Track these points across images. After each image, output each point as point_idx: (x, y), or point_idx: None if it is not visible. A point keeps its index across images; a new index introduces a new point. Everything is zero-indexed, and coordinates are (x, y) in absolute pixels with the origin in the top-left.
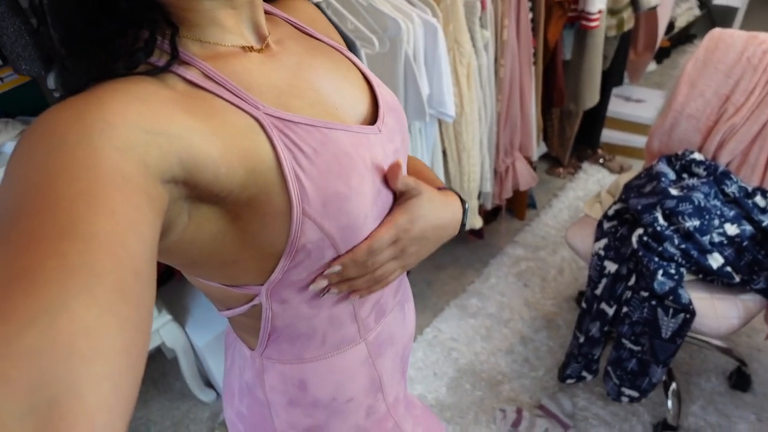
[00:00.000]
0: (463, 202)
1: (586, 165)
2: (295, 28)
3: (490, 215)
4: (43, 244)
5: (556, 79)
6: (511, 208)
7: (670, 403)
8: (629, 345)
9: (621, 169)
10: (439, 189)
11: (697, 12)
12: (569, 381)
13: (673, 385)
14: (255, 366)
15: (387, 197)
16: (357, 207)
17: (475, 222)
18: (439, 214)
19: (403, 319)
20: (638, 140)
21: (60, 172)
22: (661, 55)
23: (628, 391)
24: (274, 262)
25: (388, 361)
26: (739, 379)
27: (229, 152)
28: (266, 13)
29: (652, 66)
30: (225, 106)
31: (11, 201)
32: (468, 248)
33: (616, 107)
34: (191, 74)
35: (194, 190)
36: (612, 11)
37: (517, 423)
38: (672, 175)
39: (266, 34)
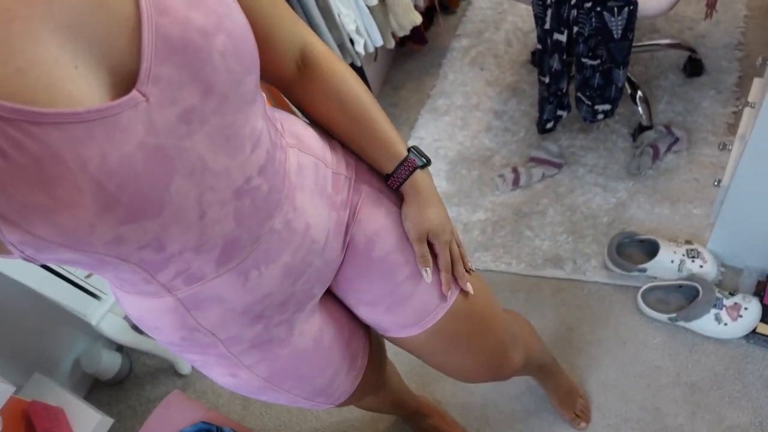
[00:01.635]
0: (420, 155)
1: None
2: None
3: (426, 21)
4: None
5: None
6: (443, 3)
7: (640, 109)
8: (589, 62)
9: None
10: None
11: None
12: (548, 126)
13: (639, 93)
14: None
15: (140, 201)
16: (70, 220)
17: (414, 18)
18: (435, 205)
19: (242, 285)
20: None
21: None
22: None
23: (600, 107)
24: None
25: (211, 315)
26: (693, 66)
27: None
28: None
29: None
30: None
31: None
32: (417, 59)
33: None
34: None
35: None
36: None
37: (517, 180)
38: None
39: None
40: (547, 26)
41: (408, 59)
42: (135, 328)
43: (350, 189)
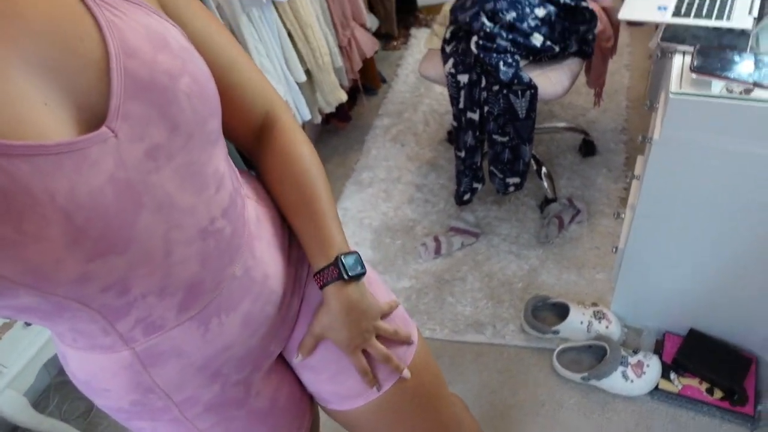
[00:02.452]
0: (343, 269)
1: (414, 30)
2: None
3: (350, 100)
4: None
5: None
6: (366, 85)
7: (545, 183)
8: (499, 138)
9: None
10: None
11: None
12: (466, 198)
13: (543, 169)
14: None
15: (111, 236)
16: (36, 254)
17: (340, 95)
18: (346, 322)
19: (202, 336)
20: None
21: None
22: None
23: (511, 180)
24: None
25: (169, 371)
26: (587, 147)
27: None
28: None
29: None
30: None
31: None
32: (341, 136)
33: None
34: None
35: None
36: None
37: (438, 249)
38: None
39: None
40: (461, 106)
41: (333, 136)
42: (36, 406)
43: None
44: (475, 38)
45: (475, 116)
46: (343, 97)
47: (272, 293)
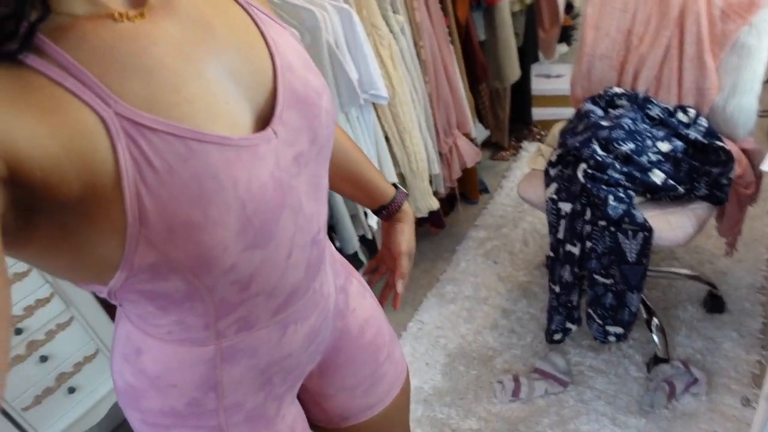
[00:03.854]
0: (398, 187)
1: (525, 144)
2: None
3: (446, 205)
4: None
5: (475, 55)
6: (465, 193)
7: (656, 338)
8: (602, 280)
9: None
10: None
11: None
12: (557, 337)
13: (655, 321)
14: (118, 313)
15: (264, 229)
16: (213, 239)
17: (432, 203)
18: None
19: (279, 340)
20: (568, 112)
21: None
22: (569, 36)
23: (612, 329)
24: (113, 273)
25: (237, 370)
26: (714, 303)
27: (64, 159)
28: None
29: (564, 48)
30: (68, 99)
31: None
32: (432, 241)
33: (540, 85)
34: (30, 57)
35: (20, 194)
36: None
37: (517, 391)
38: (599, 112)
39: None
40: (560, 236)
41: (423, 239)
42: None
43: (345, 278)
44: (583, 166)
45: (576, 250)
46: (435, 205)
47: (329, 312)
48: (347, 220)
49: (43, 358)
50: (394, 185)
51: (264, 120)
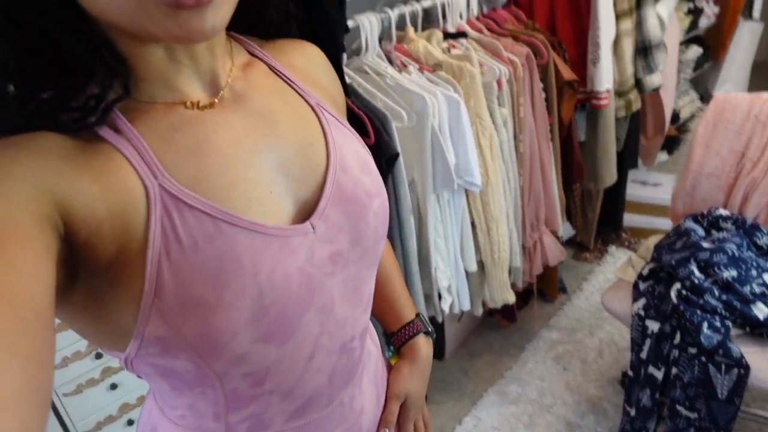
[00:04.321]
0: (425, 323)
1: (612, 249)
2: (277, 75)
3: (521, 300)
4: None
5: (573, 155)
6: (542, 290)
7: None
8: (685, 412)
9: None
10: (406, 327)
11: (698, 104)
12: None
13: None
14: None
15: (282, 323)
16: (223, 322)
17: (508, 296)
18: (424, 376)
19: None
20: (661, 222)
21: None
22: (671, 146)
23: None
24: (128, 341)
25: None
26: None
27: (107, 222)
28: (250, 53)
29: (664, 156)
30: (123, 166)
31: None
32: (501, 334)
33: (635, 191)
34: (103, 128)
35: (67, 252)
36: (619, 93)
37: None
38: (701, 231)
39: (222, 86)
40: (643, 356)
41: (492, 331)
42: None
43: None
44: (678, 285)
45: (659, 374)
46: (511, 299)
47: (360, 429)
48: (420, 300)
49: (113, 386)
50: (418, 315)
51: (306, 214)
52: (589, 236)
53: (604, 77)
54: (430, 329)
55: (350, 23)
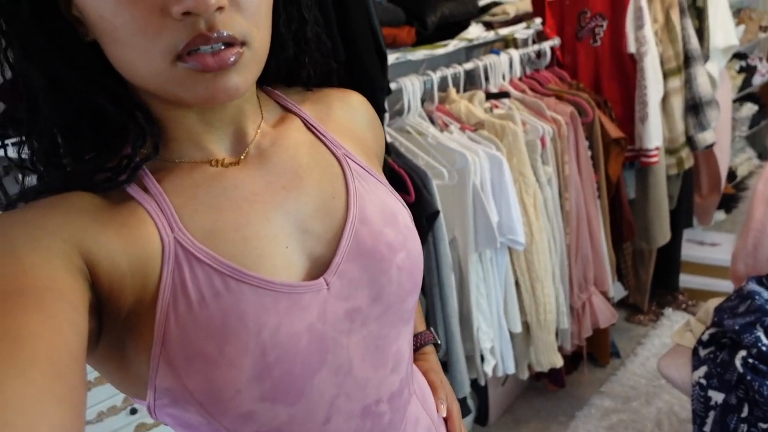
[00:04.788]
0: (435, 336)
1: (668, 311)
2: (309, 128)
3: (570, 364)
4: None
5: (623, 213)
6: (593, 354)
7: None
8: None
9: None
10: (419, 337)
11: (756, 161)
12: None
13: None
14: None
15: (289, 382)
16: (225, 377)
17: (555, 360)
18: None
19: None
20: (720, 284)
21: None
22: (729, 204)
23: None
24: (145, 390)
25: None
26: None
27: (127, 274)
28: (282, 106)
29: (721, 215)
30: (145, 219)
31: None
32: (549, 399)
33: (691, 251)
34: (132, 186)
35: (95, 298)
36: (669, 150)
37: None
38: (766, 294)
39: (249, 143)
40: (707, 429)
41: (539, 395)
42: None
43: None
44: (743, 353)
45: None
46: (559, 362)
47: None
48: (462, 361)
49: None
50: (428, 328)
51: (322, 269)
52: (643, 297)
53: (653, 135)
54: (438, 341)
55: (393, 85)
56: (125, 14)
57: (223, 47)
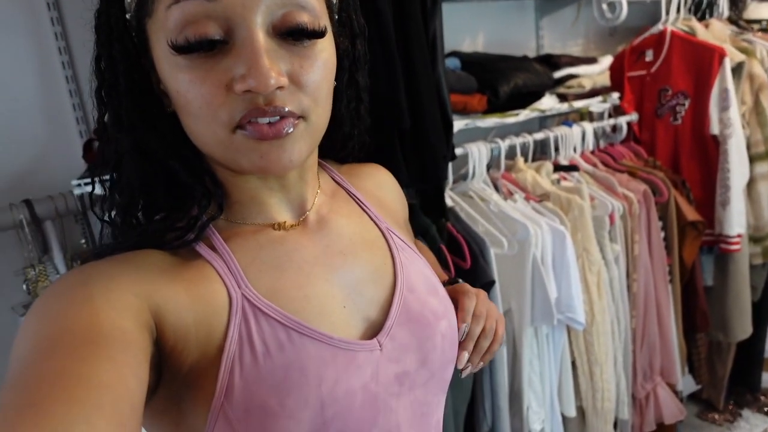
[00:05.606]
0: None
1: (746, 413)
2: (354, 200)
3: None
4: (49, 382)
5: (697, 301)
6: None
7: None
8: None
9: None
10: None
11: None
12: None
13: None
14: None
15: None
16: (283, 430)
17: None
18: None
19: None
20: None
21: (67, 327)
22: None
23: None
24: None
25: None
26: None
27: (192, 329)
28: (334, 181)
29: None
30: (212, 277)
31: (26, 350)
32: None
33: None
34: (200, 245)
35: (158, 353)
36: (754, 238)
37: None
38: None
39: (308, 208)
40: None
41: None
42: None
43: None
44: None
45: None
46: None
47: None
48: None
49: None
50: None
51: (374, 332)
52: (718, 394)
53: (735, 221)
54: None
55: (459, 150)
56: (196, 90)
57: (279, 118)
